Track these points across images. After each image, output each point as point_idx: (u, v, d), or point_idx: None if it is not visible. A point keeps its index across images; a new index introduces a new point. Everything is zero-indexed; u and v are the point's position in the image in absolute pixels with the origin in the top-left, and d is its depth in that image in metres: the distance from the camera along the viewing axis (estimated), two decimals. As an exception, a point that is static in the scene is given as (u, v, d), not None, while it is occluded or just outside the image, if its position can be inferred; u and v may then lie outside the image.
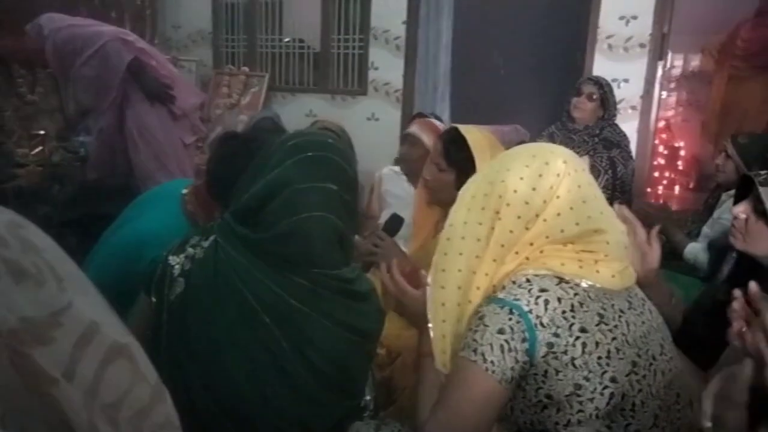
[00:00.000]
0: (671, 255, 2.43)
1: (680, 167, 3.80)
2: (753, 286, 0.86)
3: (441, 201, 1.74)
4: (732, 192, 2.20)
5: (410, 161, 2.34)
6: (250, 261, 1.03)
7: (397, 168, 2.73)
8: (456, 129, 1.69)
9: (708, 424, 0.79)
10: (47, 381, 0.37)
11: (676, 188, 3.81)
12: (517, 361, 0.95)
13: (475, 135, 1.65)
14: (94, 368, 0.39)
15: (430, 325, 1.06)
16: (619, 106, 2.94)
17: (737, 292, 0.87)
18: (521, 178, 1.02)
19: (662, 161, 3.79)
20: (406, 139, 2.39)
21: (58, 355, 0.38)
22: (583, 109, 2.72)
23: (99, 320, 0.41)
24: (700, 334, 1.54)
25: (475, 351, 0.96)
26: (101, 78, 2.51)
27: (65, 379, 0.37)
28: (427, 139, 2.12)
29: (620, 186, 2.69)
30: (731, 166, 2.31)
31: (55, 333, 0.37)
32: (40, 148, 3.18)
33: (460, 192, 1.10)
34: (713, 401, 0.80)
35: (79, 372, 0.38)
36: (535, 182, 1.01)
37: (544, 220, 1.00)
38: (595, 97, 2.71)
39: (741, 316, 0.86)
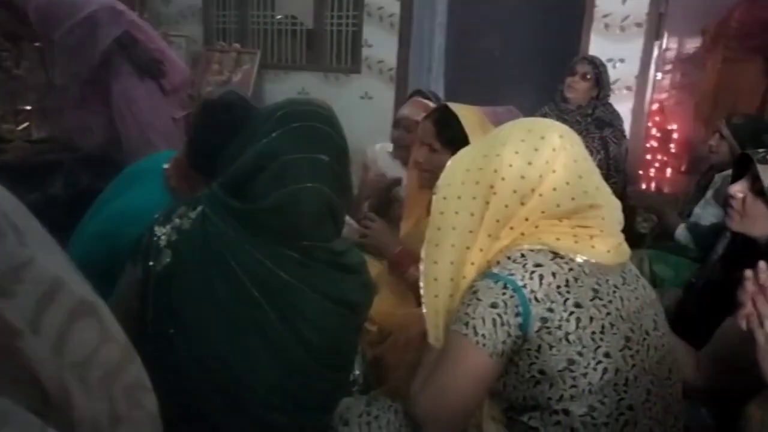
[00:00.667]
0: (663, 235, 2.44)
1: (673, 150, 3.80)
2: (763, 265, 0.85)
3: (435, 183, 1.72)
4: (725, 173, 2.20)
5: (405, 147, 2.28)
6: (239, 232, 1.01)
7: (389, 146, 2.67)
8: (446, 107, 1.65)
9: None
10: (12, 332, 0.35)
11: (668, 171, 3.81)
12: (509, 336, 0.94)
13: (466, 113, 1.62)
14: (59, 325, 0.38)
15: (422, 300, 1.05)
16: (614, 87, 2.93)
17: (749, 273, 0.85)
18: (517, 152, 1.00)
19: (655, 144, 3.79)
20: (400, 123, 2.30)
21: (22, 309, 0.36)
22: (577, 88, 2.70)
23: (63, 277, 0.40)
24: (693, 312, 1.55)
25: (466, 324, 0.95)
26: (85, 48, 2.42)
27: (31, 332, 0.36)
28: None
29: (614, 166, 2.68)
30: (725, 147, 2.31)
31: (16, 287, 0.36)
32: (27, 123, 3.13)
33: (451, 164, 1.08)
34: None
35: (44, 327, 0.37)
36: (531, 156, 0.99)
37: (540, 195, 0.99)
38: (589, 76, 2.69)
39: (752, 297, 0.85)
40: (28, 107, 3.16)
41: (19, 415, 0.34)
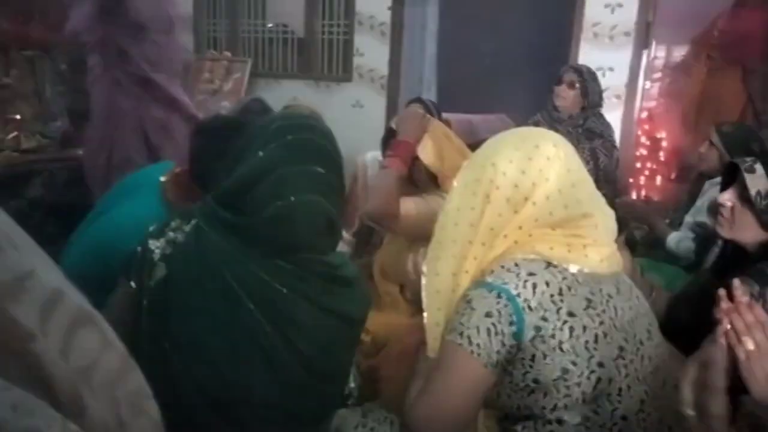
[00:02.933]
0: (654, 244, 2.45)
1: (662, 158, 3.82)
2: (737, 282, 0.86)
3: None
4: (714, 180, 2.22)
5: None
6: (234, 245, 1.00)
7: (380, 156, 2.67)
8: None
9: (691, 412, 0.79)
10: (24, 335, 0.37)
11: (658, 179, 3.84)
12: (503, 345, 0.94)
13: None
14: (63, 332, 0.39)
15: (424, 313, 1.05)
16: (604, 95, 2.95)
17: (722, 292, 0.86)
18: (510, 161, 1.01)
19: (644, 152, 3.81)
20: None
21: (30, 315, 0.37)
22: (564, 97, 2.71)
23: (63, 288, 0.41)
24: (684, 321, 1.55)
25: (461, 334, 0.95)
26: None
27: (41, 336, 0.37)
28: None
29: (603, 176, 2.69)
30: (714, 155, 2.32)
31: (22, 296, 0.37)
32: (15, 133, 3.10)
33: (454, 180, 1.09)
34: (692, 388, 0.80)
35: (51, 332, 0.38)
36: (524, 165, 1.00)
37: (533, 204, 1.00)
38: (576, 85, 2.70)
39: (727, 315, 0.86)
40: (17, 116, 3.13)
41: (42, 409, 0.36)
